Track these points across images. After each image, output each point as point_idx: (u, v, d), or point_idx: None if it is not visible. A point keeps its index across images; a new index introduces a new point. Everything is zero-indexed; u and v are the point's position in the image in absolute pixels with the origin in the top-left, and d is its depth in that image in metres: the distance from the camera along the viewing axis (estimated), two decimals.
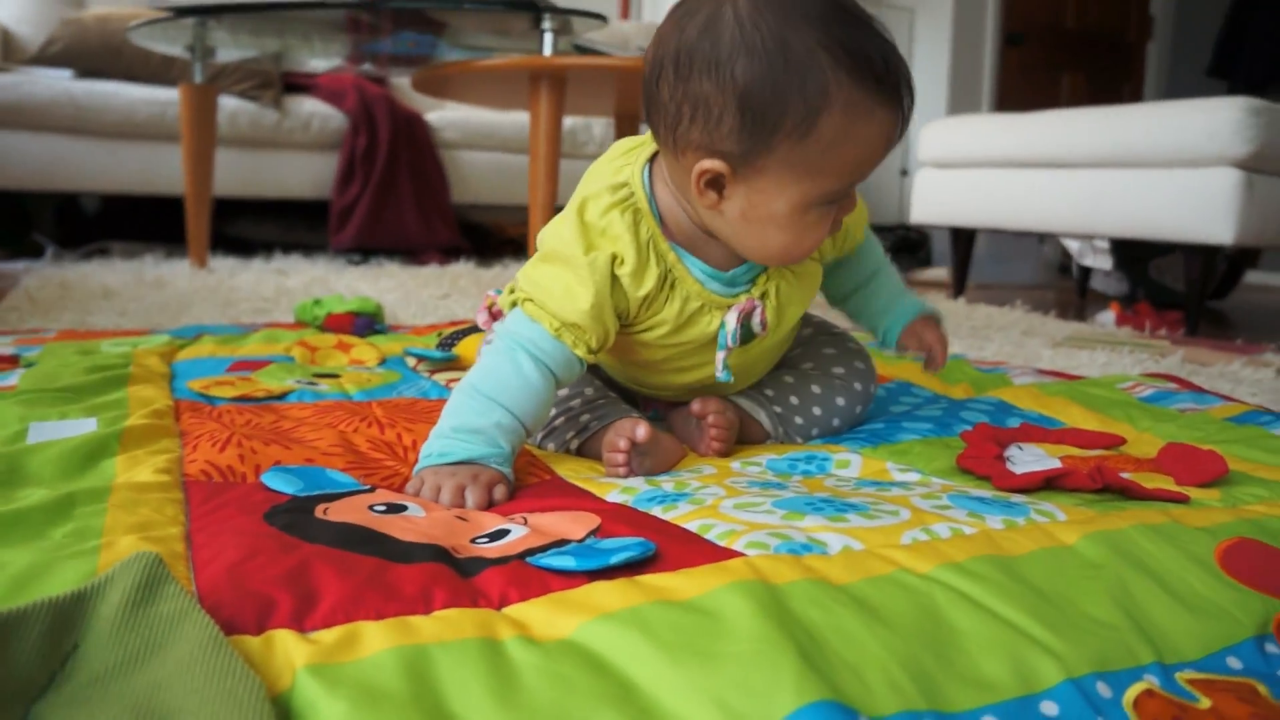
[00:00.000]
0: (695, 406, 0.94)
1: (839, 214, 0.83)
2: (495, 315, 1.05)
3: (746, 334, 0.90)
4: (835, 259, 1.03)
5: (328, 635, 0.50)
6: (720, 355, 0.88)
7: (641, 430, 0.83)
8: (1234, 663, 0.55)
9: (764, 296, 0.90)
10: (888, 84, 0.76)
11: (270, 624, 0.52)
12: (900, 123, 0.79)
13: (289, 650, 0.49)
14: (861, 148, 0.77)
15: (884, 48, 0.77)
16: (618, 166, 0.89)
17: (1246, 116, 2.30)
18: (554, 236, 0.86)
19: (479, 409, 0.81)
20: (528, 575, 0.58)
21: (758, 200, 0.79)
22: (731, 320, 0.87)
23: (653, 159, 0.88)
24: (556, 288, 0.84)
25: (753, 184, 0.79)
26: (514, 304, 0.87)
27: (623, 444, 0.84)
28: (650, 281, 0.85)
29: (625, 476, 0.84)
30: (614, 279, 0.84)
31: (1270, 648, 0.56)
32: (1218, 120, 2.34)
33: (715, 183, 0.80)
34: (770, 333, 0.91)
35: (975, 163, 3.00)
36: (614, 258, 0.84)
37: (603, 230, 0.84)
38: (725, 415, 0.94)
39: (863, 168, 0.79)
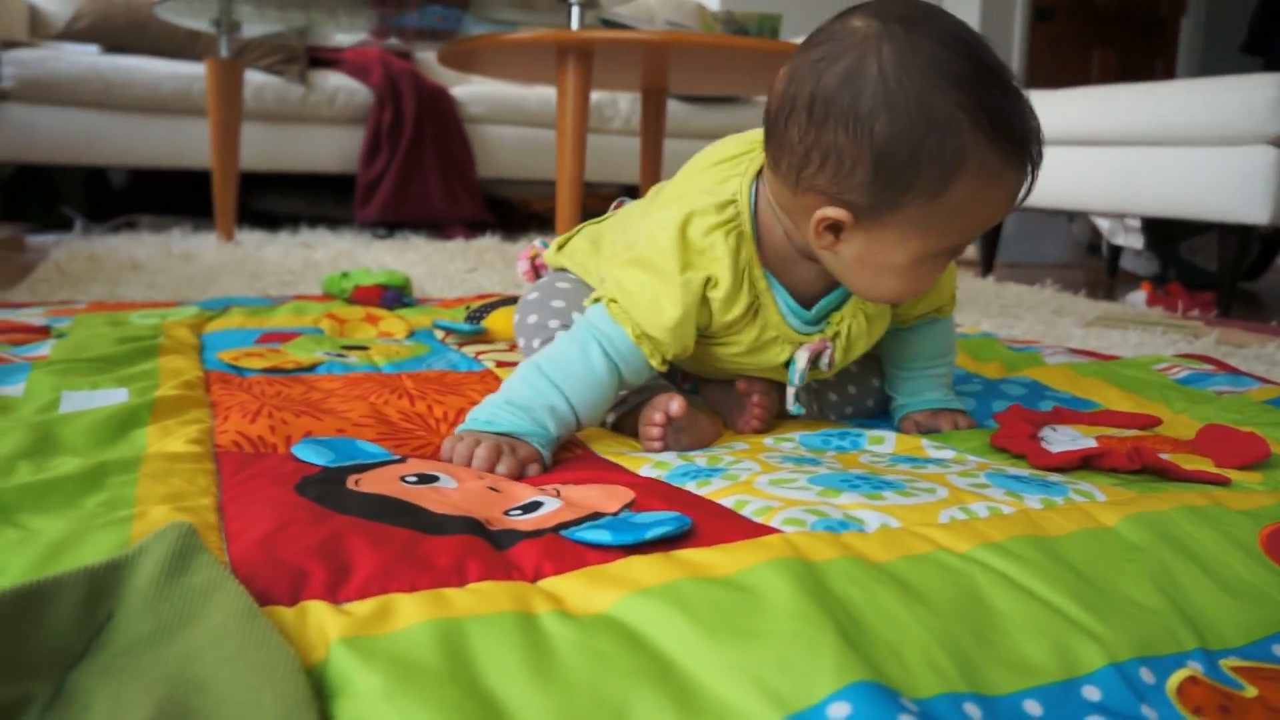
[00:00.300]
0: (741, 385, 0.93)
1: (950, 257, 0.81)
2: (537, 267, 1.04)
3: (813, 368, 0.89)
4: (920, 318, 0.98)
5: (362, 607, 0.50)
6: (790, 391, 0.89)
7: (675, 405, 0.82)
8: (1279, 650, 0.54)
9: (835, 337, 0.89)
10: (1022, 148, 0.75)
11: (304, 595, 0.52)
12: (1027, 183, 0.77)
13: (323, 621, 0.48)
14: (988, 208, 0.76)
15: (1022, 110, 0.75)
16: (724, 176, 0.86)
17: None
18: (651, 243, 0.83)
19: (538, 388, 0.81)
20: (562, 548, 0.57)
21: (877, 249, 0.77)
22: (802, 359, 0.87)
23: (758, 172, 0.86)
24: (644, 297, 0.82)
25: (874, 234, 0.77)
26: (598, 300, 0.85)
27: (658, 418, 0.83)
28: (739, 307, 0.84)
29: (660, 451, 0.83)
30: (704, 300, 0.84)
31: None
32: (1253, 98, 2.30)
33: (834, 228, 0.78)
34: (835, 368, 0.91)
35: None
36: (708, 280, 0.83)
37: (703, 250, 0.82)
38: (769, 395, 0.93)
39: (985, 225, 0.78)
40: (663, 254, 0.82)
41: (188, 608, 0.48)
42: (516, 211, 3.95)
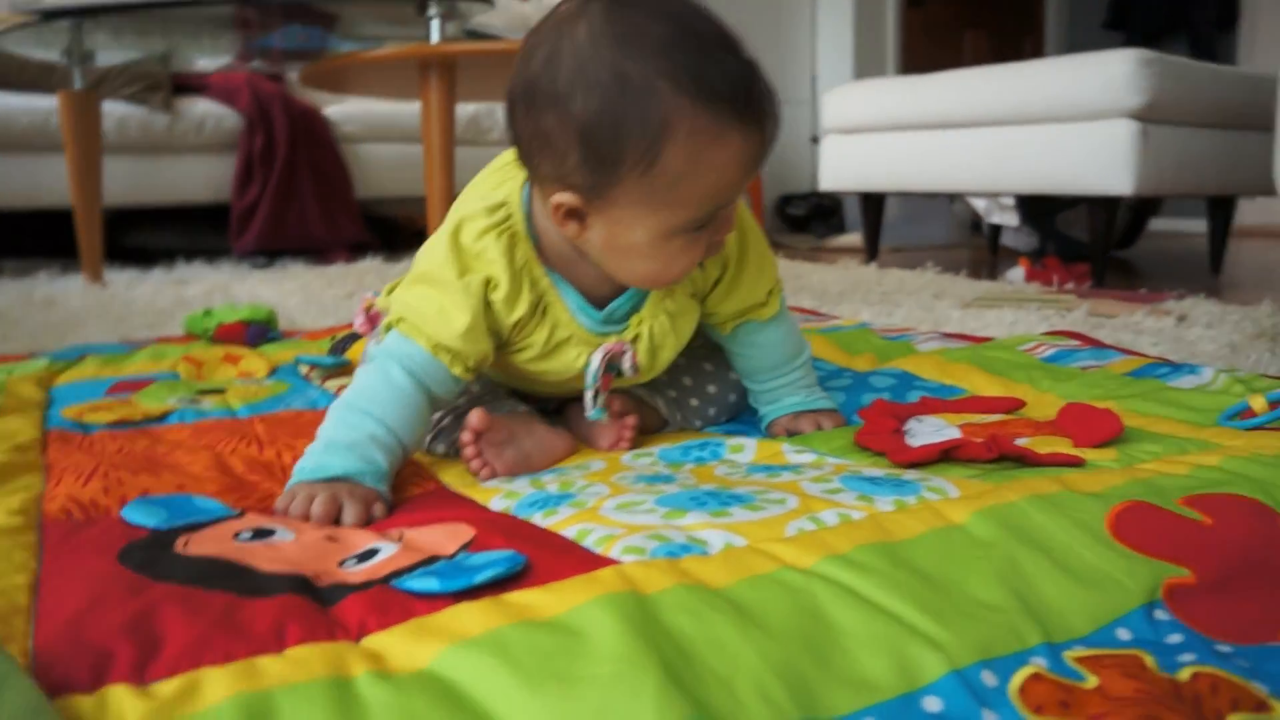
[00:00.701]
0: (615, 405, 0.90)
1: (713, 236, 0.79)
2: (373, 319, 1.01)
3: (616, 374, 0.87)
4: (735, 320, 0.95)
5: (167, 686, 0.47)
6: (588, 395, 0.86)
7: (475, 418, 0.80)
8: (1123, 634, 0.54)
9: (636, 339, 0.87)
10: (741, 107, 0.73)
11: (107, 679, 0.48)
12: (761, 144, 0.75)
13: (122, 708, 0.45)
14: (715, 174, 0.74)
15: (735, 70, 0.73)
16: (497, 181, 0.86)
17: (1139, 68, 2.33)
18: (427, 258, 0.84)
19: (353, 423, 0.78)
20: (390, 600, 0.54)
21: (617, 231, 0.77)
22: (595, 360, 0.85)
23: None
24: (430, 309, 0.81)
25: (609, 215, 0.76)
26: (389, 327, 0.84)
27: (466, 435, 0.81)
28: (522, 307, 0.83)
29: (481, 472, 0.81)
30: (487, 302, 0.82)
31: (1159, 614, 0.55)
32: (1111, 73, 2.36)
33: (574, 214, 0.77)
34: (643, 373, 0.89)
35: (881, 127, 3.01)
36: (488, 281, 0.82)
37: (477, 254, 0.82)
38: (634, 413, 0.92)
39: (721, 193, 0.76)
40: (439, 264, 0.82)
41: None
42: (401, 230, 3.88)
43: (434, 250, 0.84)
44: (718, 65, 0.72)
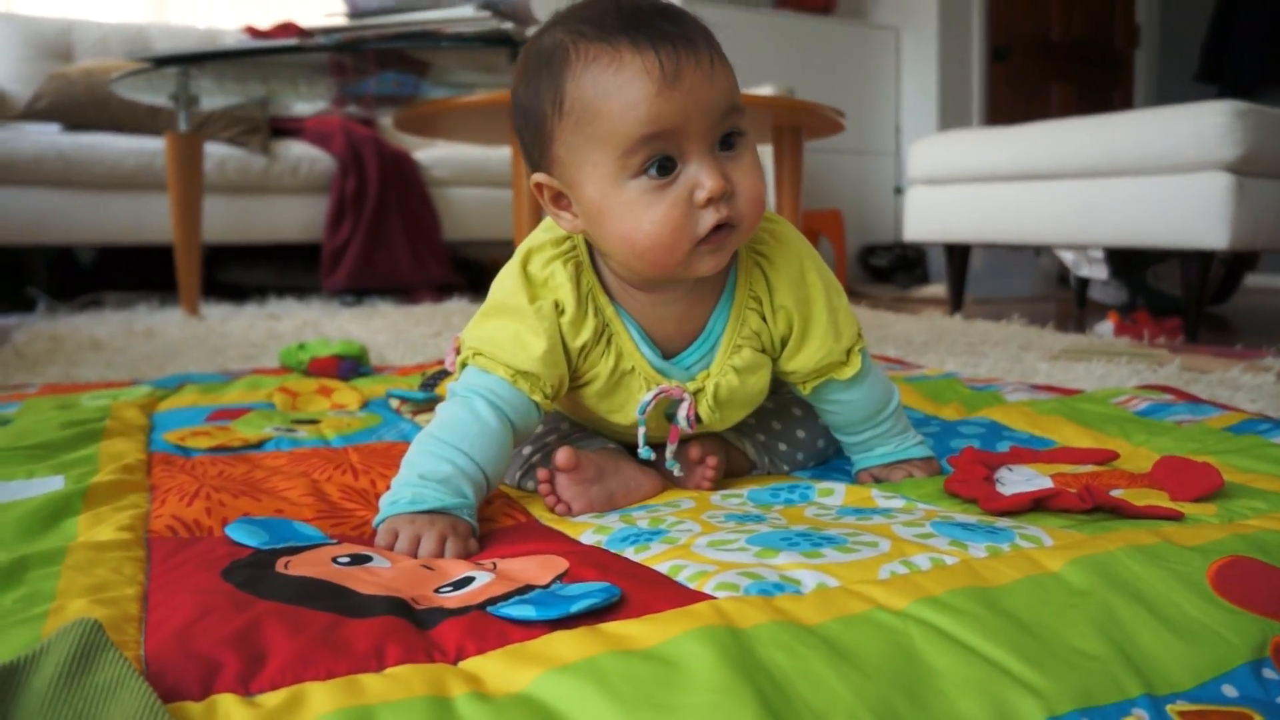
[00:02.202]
0: (694, 451, 0.90)
1: (694, 194, 0.75)
2: None
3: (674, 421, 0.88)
4: (814, 379, 0.92)
5: (272, 698, 0.48)
6: (640, 431, 0.86)
7: (562, 455, 0.81)
8: (1229, 690, 0.52)
9: (699, 393, 0.87)
10: (630, 29, 0.74)
11: (215, 688, 0.50)
12: (665, 58, 0.73)
13: (230, 715, 0.47)
14: (621, 96, 0.74)
15: (630, 4, 0.76)
16: None
17: (1233, 120, 2.28)
18: (498, 289, 0.86)
19: (444, 456, 0.79)
20: (487, 626, 0.55)
21: (579, 196, 0.79)
22: (648, 396, 0.85)
23: None
24: (505, 338, 0.83)
25: (566, 180, 0.79)
26: (463, 363, 0.85)
27: (543, 473, 0.83)
28: (587, 332, 0.85)
29: (556, 508, 0.83)
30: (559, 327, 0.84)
31: (1268, 673, 0.54)
32: (1205, 125, 2.32)
33: (557, 198, 0.81)
34: (710, 427, 0.90)
35: (966, 178, 2.99)
36: (556, 305, 0.84)
37: (544, 281, 0.84)
38: (719, 455, 0.92)
39: (640, 119, 0.73)
40: (510, 293, 0.84)
41: (87, 709, 0.46)
42: (486, 273, 3.95)
43: (504, 281, 0.86)
44: (615, 7, 0.76)
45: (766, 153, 3.62)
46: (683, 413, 0.86)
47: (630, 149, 0.75)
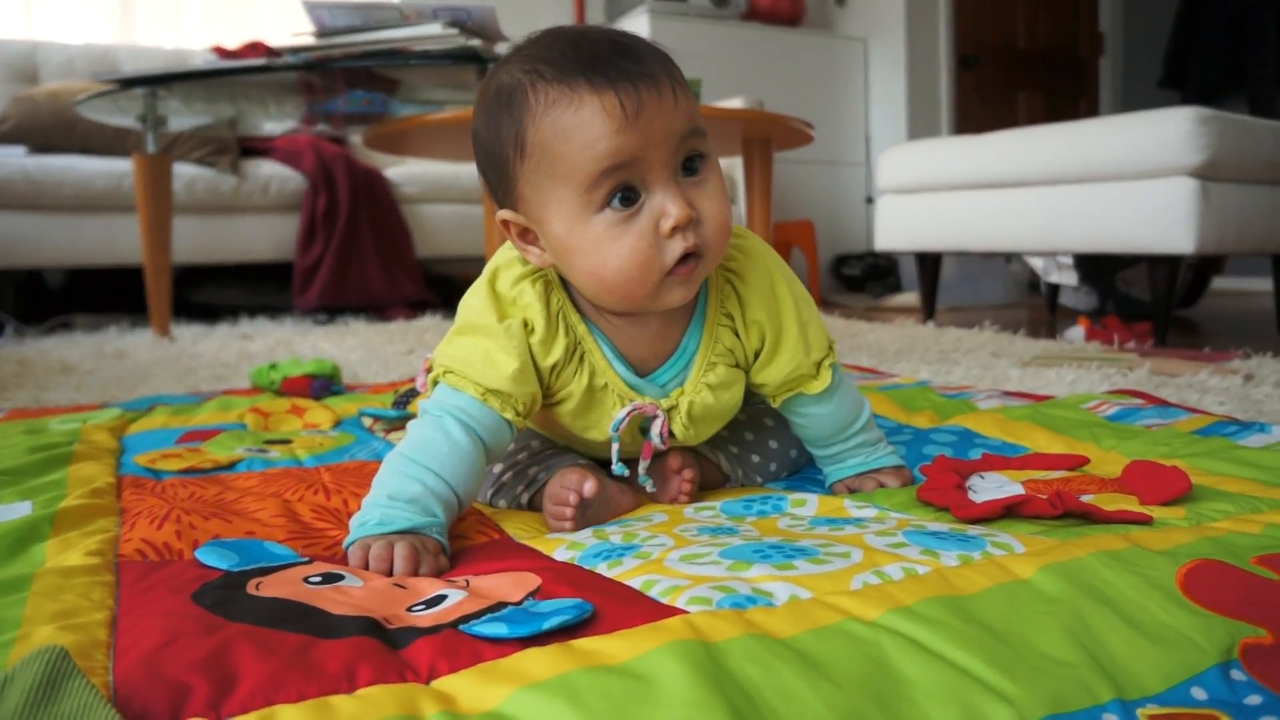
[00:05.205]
0: (673, 462, 0.91)
1: (660, 225, 0.75)
2: None
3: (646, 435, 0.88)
4: (784, 391, 0.92)
5: None
6: (614, 448, 0.87)
7: (589, 486, 0.81)
8: (1198, 693, 0.53)
9: (673, 410, 0.87)
10: (589, 71, 0.74)
11: (184, 713, 0.49)
12: (625, 97, 0.73)
13: None
14: (580, 135, 0.74)
15: (589, 46, 0.75)
16: None
17: (1197, 126, 2.32)
18: (467, 308, 0.86)
19: (414, 475, 0.78)
20: (459, 644, 0.55)
21: (546, 232, 0.79)
22: (621, 413, 0.85)
23: None
24: (475, 357, 0.82)
25: (532, 217, 0.79)
26: (434, 381, 0.85)
27: (572, 499, 0.82)
28: (558, 351, 0.84)
29: (571, 531, 0.82)
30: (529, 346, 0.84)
31: (1235, 674, 0.54)
32: (1169, 131, 2.35)
33: (524, 235, 0.81)
34: (684, 442, 0.90)
35: (936, 187, 3.01)
36: (526, 324, 0.83)
37: (513, 299, 0.84)
38: (695, 469, 0.92)
39: (599, 155, 0.73)
40: (479, 312, 0.84)
41: None
42: (459, 289, 3.93)
43: (472, 300, 0.86)
44: (567, 47, 0.76)
45: (736, 165, 3.63)
46: (656, 429, 0.86)
47: (593, 183, 0.75)
